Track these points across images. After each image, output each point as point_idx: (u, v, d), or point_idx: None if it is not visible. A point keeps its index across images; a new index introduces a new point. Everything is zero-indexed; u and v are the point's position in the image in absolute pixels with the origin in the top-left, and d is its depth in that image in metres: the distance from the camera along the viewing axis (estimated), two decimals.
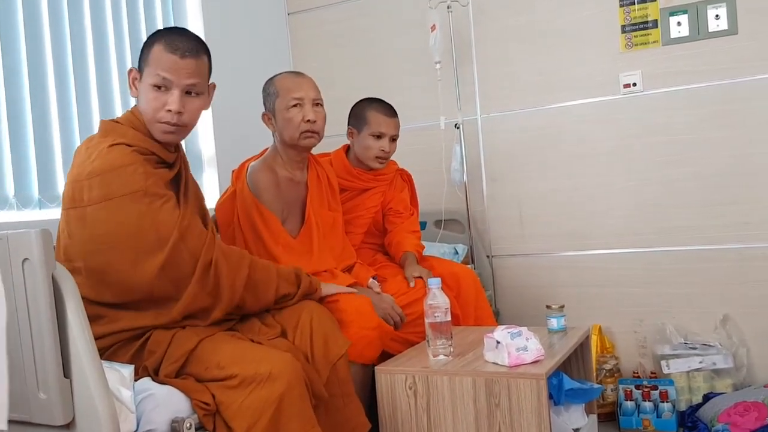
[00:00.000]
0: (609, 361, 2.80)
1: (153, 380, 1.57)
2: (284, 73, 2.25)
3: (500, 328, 1.86)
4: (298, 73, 2.24)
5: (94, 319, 1.55)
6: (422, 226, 2.86)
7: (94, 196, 1.58)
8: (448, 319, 1.92)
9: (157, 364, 1.61)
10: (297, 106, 2.13)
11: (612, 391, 2.74)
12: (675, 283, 2.80)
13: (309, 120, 2.12)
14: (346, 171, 2.52)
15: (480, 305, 2.45)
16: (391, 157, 2.57)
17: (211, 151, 2.96)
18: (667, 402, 2.55)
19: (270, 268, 1.83)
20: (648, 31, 2.80)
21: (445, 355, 1.92)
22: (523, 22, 3.01)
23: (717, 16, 2.67)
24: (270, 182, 2.15)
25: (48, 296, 1.30)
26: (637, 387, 2.64)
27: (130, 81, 1.75)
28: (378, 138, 2.49)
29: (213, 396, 1.55)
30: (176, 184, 1.76)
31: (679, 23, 2.74)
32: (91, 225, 1.58)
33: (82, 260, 1.60)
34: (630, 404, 2.62)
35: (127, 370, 1.44)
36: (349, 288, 2.09)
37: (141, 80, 1.72)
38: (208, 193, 2.75)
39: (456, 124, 3.04)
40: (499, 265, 3.11)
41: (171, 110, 1.67)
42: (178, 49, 1.68)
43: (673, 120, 2.77)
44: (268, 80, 2.23)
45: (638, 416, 2.58)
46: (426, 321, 1.93)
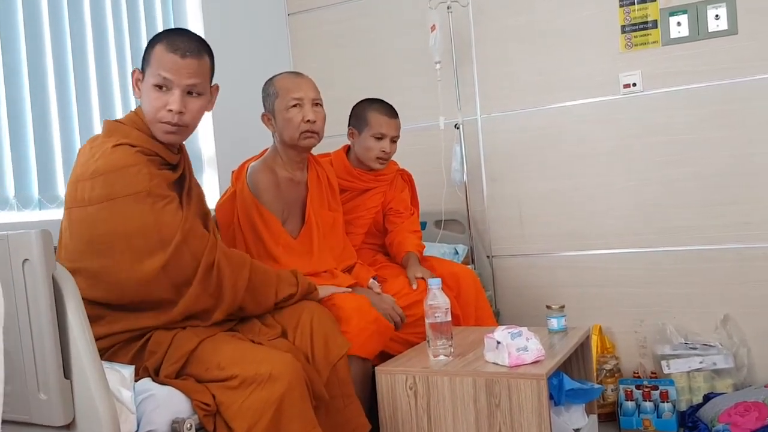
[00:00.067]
0: (609, 361, 2.80)
1: (153, 381, 1.57)
2: (284, 73, 2.25)
3: (500, 328, 1.86)
4: (297, 74, 2.24)
5: (95, 319, 1.55)
6: (422, 226, 2.86)
7: (96, 196, 1.57)
8: (449, 319, 1.92)
9: (158, 364, 1.61)
10: (297, 106, 2.13)
11: (612, 391, 2.74)
12: (675, 283, 2.80)
13: (309, 120, 2.12)
14: (346, 171, 2.52)
15: (480, 305, 2.45)
16: (392, 157, 2.57)
17: (211, 152, 2.96)
18: (667, 402, 2.55)
19: (269, 272, 1.84)
20: (648, 32, 2.79)
21: (446, 356, 1.92)
22: (523, 22, 3.01)
23: (717, 16, 2.67)
24: (270, 183, 2.15)
25: (48, 297, 1.29)
26: (638, 387, 2.64)
27: (134, 82, 1.75)
28: (379, 139, 2.49)
29: (213, 396, 1.55)
30: (179, 186, 1.76)
31: (678, 23, 2.74)
32: (93, 224, 1.58)
33: (83, 260, 1.60)
34: (630, 404, 2.62)
35: (128, 371, 1.44)
36: (346, 288, 2.09)
37: (143, 81, 1.72)
38: (208, 194, 2.71)
39: (456, 125, 3.03)
40: (499, 265, 3.11)
41: (172, 110, 1.67)
42: (178, 49, 1.68)
43: (673, 120, 2.77)
44: (267, 80, 2.23)
45: (639, 416, 2.58)
46: (426, 321, 1.93)
